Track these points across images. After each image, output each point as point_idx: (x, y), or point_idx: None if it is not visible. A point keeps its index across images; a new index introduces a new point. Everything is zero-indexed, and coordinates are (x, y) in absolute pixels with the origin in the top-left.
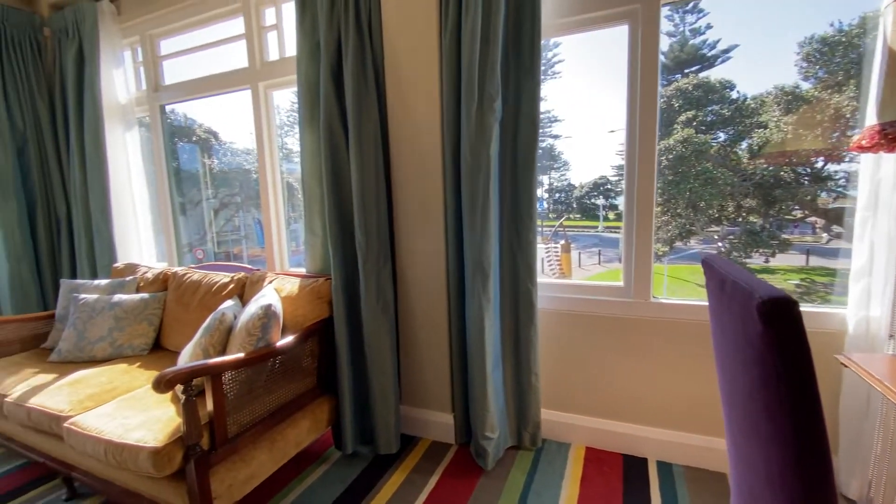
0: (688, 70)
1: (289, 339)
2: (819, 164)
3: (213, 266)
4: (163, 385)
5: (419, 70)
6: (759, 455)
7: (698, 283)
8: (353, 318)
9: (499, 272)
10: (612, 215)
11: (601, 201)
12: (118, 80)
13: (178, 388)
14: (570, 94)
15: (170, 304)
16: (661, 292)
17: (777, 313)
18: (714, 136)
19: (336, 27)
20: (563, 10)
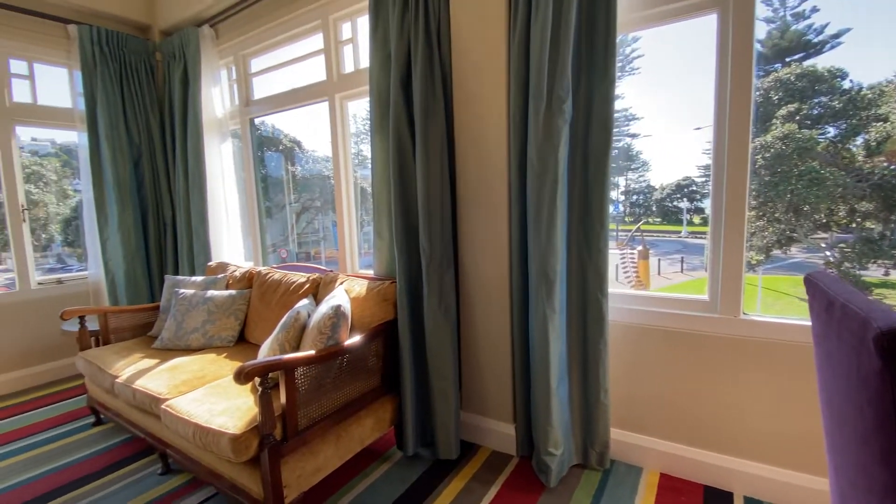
0: (789, 59)
1: (356, 338)
2: None
3: (292, 266)
4: (242, 377)
5: (486, 73)
6: None
7: (800, 297)
8: (415, 321)
9: (566, 281)
10: (697, 219)
11: (685, 204)
12: (216, 96)
13: (256, 380)
14: (649, 90)
15: (253, 300)
16: (753, 307)
17: None
18: (821, 131)
19: (406, 36)
20: (641, 3)
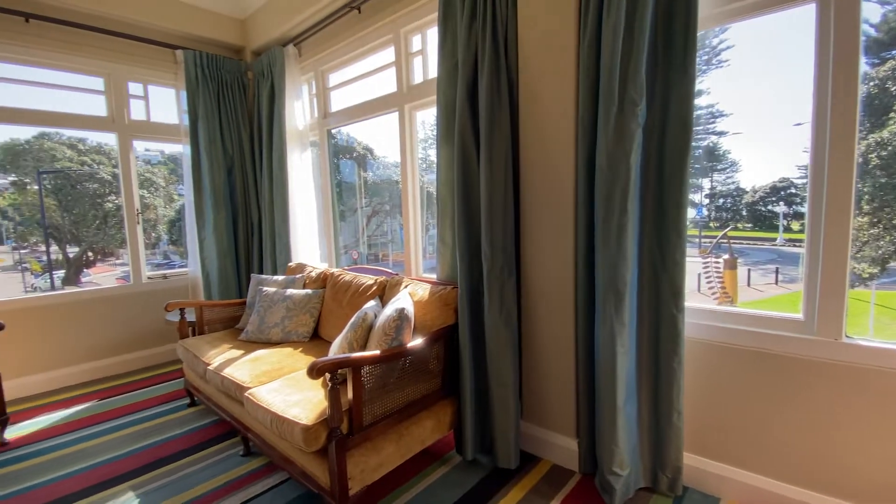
0: None
1: (418, 341)
2: None
3: (361, 269)
4: (315, 372)
5: (554, 76)
6: None
7: None
8: (476, 327)
9: (637, 294)
10: (796, 225)
11: (782, 208)
12: (297, 110)
13: (326, 375)
14: (740, 84)
15: (327, 300)
16: (863, 327)
17: None
18: None
19: (473, 45)
20: None
